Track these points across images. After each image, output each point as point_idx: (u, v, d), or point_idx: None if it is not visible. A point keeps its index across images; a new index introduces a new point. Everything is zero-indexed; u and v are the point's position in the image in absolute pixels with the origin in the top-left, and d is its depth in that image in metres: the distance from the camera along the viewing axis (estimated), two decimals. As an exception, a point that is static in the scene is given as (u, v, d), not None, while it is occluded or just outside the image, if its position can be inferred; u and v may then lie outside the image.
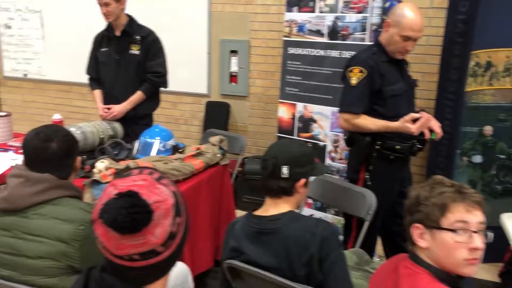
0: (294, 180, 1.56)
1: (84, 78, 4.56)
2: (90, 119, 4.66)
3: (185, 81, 4.09)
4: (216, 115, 4.12)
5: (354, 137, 2.31)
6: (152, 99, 3.08)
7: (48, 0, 4.51)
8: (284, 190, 1.55)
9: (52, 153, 1.52)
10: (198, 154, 2.62)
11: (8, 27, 4.71)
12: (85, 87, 4.60)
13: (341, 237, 2.49)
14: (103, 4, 2.85)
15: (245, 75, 4.02)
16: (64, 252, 1.42)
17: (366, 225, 2.23)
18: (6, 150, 2.93)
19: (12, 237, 1.45)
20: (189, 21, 4.06)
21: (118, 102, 3.00)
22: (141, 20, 3.09)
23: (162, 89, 3.15)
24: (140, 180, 0.94)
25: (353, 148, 2.39)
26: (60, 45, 4.59)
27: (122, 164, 2.35)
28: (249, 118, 4.12)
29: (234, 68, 4.05)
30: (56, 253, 1.42)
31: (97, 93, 3.14)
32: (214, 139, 2.79)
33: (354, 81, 2.21)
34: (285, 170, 1.54)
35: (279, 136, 3.34)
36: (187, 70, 4.06)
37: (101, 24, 4.41)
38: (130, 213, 0.88)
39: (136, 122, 3.02)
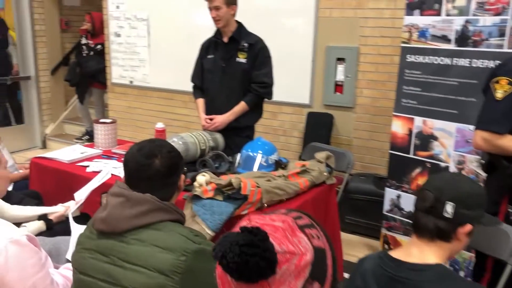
0: (458, 223, 1.26)
1: (187, 86, 4.57)
2: (191, 127, 4.67)
3: (286, 90, 3.88)
4: (318, 127, 3.86)
5: (495, 162, 1.92)
6: (255, 110, 2.91)
7: (156, 9, 4.59)
8: (442, 233, 1.26)
9: (155, 171, 1.37)
10: (303, 171, 2.39)
11: (118, 35, 4.87)
12: (187, 95, 4.61)
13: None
14: (213, 8, 2.74)
15: (352, 85, 3.72)
16: (163, 285, 1.25)
17: (508, 270, 1.84)
18: (110, 157, 2.93)
19: (110, 263, 1.32)
20: (293, 27, 3.86)
21: (221, 111, 2.87)
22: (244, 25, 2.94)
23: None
24: (278, 221, 0.73)
25: (494, 175, 1.99)
26: (165, 53, 4.64)
27: (224, 179, 2.18)
28: (354, 131, 3.80)
29: (340, 76, 3.77)
30: (154, 286, 1.25)
31: (200, 102, 3.04)
32: (320, 155, 2.54)
33: (499, 94, 1.83)
34: (449, 209, 1.24)
35: (392, 153, 3.00)
36: (289, 78, 3.85)
37: (205, 34, 4.39)
38: (244, 252, 0.69)
39: (238, 134, 2.86)
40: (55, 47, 5.90)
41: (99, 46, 5.24)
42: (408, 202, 2.95)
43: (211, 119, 2.86)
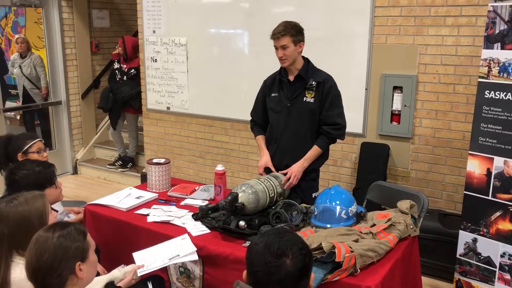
0: None
1: (227, 113, 4.47)
2: (231, 154, 4.51)
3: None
4: (373, 158, 3.67)
5: None
6: (323, 153, 2.73)
7: (194, 35, 4.43)
8: None
9: (286, 273, 1.20)
10: (390, 226, 2.20)
11: (154, 60, 4.72)
12: (227, 122, 4.46)
13: None
14: (279, 47, 2.56)
15: (410, 114, 3.53)
16: None
17: None
18: (167, 202, 2.77)
19: None
20: (346, 53, 3.68)
21: (285, 152, 2.71)
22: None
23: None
24: None
25: None
26: (204, 79, 4.49)
27: (305, 236, 2.01)
28: (412, 163, 3.61)
29: (396, 105, 3.58)
30: None
31: (261, 139, 2.87)
32: (404, 205, 2.35)
33: None
34: None
35: (467, 194, 2.80)
36: (340, 106, 3.66)
37: (245, 60, 4.25)
38: None
39: (303, 177, 2.68)
40: (86, 70, 5.78)
41: (132, 71, 5.11)
42: (486, 246, 2.75)
43: (283, 173, 2.65)
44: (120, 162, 5.47)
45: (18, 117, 6.52)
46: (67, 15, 5.46)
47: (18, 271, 1.71)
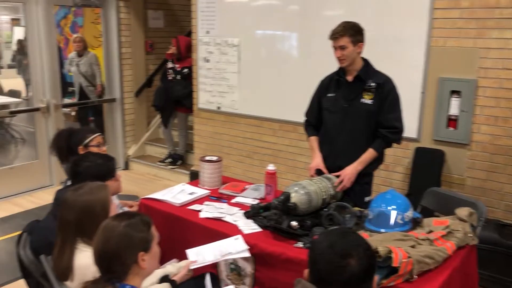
0: None
1: (277, 114, 4.48)
2: (279, 155, 4.51)
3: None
4: (427, 164, 3.57)
5: None
6: (378, 156, 2.68)
7: (246, 36, 4.47)
8: None
9: (351, 274, 1.18)
10: (448, 233, 2.13)
11: (207, 60, 4.80)
12: (277, 123, 4.47)
13: None
14: (338, 48, 2.54)
15: (468, 120, 3.41)
16: None
17: None
18: (219, 199, 2.80)
19: None
20: (402, 56, 3.61)
21: (339, 154, 2.67)
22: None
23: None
24: None
25: None
26: (255, 80, 4.52)
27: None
28: (468, 170, 3.48)
29: (454, 110, 3.47)
30: None
31: (314, 141, 2.85)
32: (463, 212, 2.27)
33: None
34: None
35: (530, 205, 2.68)
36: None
37: (299, 63, 4.24)
38: None
39: (357, 180, 2.64)
40: (140, 69, 5.95)
41: (185, 70, 5.21)
42: (549, 260, 2.61)
43: (336, 176, 2.62)
44: (170, 159, 5.60)
45: (73, 114, 6.78)
46: (124, 15, 5.65)
47: (81, 257, 1.79)
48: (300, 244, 2.20)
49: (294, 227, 2.25)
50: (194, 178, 3.89)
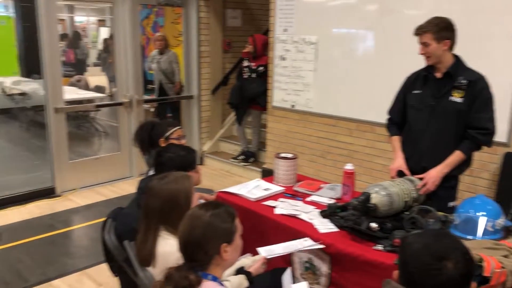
0: None
1: (352, 113, 4.38)
2: (354, 156, 4.40)
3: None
4: (518, 171, 3.31)
5: None
6: (466, 159, 2.52)
7: (326, 33, 4.41)
8: None
9: (447, 278, 1.11)
10: (546, 245, 1.95)
11: (283, 58, 4.79)
12: (353, 123, 4.36)
13: None
14: (421, 44, 2.43)
15: None
16: None
17: None
18: (293, 196, 2.78)
19: None
20: (491, 54, 3.37)
21: (423, 154, 2.55)
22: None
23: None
24: None
25: None
26: (331, 78, 4.44)
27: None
28: None
29: (551, 114, 3.19)
30: None
31: (396, 140, 2.73)
32: None
33: None
34: None
35: None
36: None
37: (377, 62, 4.12)
38: None
39: (441, 184, 2.50)
40: (217, 68, 6.08)
41: (261, 68, 5.25)
42: None
43: (420, 178, 2.50)
44: (242, 156, 5.66)
45: (152, 110, 7.07)
46: (204, 14, 5.79)
47: (164, 244, 1.84)
48: (379, 247, 2.11)
49: (374, 229, 2.17)
50: (266, 175, 3.89)
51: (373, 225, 2.18)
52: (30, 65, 4.74)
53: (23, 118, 8.18)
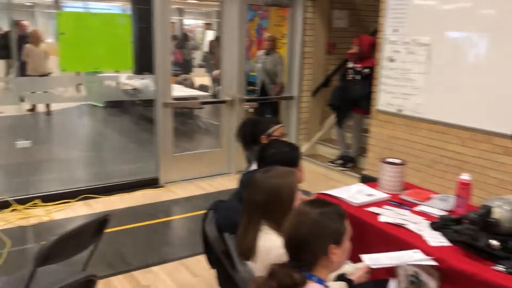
0: None
1: (466, 121, 4.03)
2: (464, 167, 4.03)
3: None
4: None
5: None
6: None
7: (440, 34, 4.11)
8: None
9: None
10: None
11: (392, 60, 4.56)
12: (465, 131, 4.01)
13: None
14: None
15: None
16: None
17: None
18: (400, 205, 2.60)
19: None
20: None
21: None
22: None
23: None
24: None
25: None
26: (445, 82, 4.13)
27: None
28: None
29: None
30: None
31: None
32: None
33: None
34: None
35: None
36: None
37: (490, 68, 3.76)
38: None
39: None
40: (319, 69, 5.99)
41: (366, 70, 5.06)
42: None
43: None
44: (340, 160, 5.50)
45: (250, 110, 7.18)
46: (310, 15, 5.74)
47: (265, 239, 1.79)
48: (500, 268, 1.88)
49: (494, 246, 1.94)
50: (365, 181, 3.72)
51: (494, 242, 1.95)
52: (143, 63, 5.03)
53: (133, 112, 8.79)
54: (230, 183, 5.18)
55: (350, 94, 5.14)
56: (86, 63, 4.61)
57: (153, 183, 5.07)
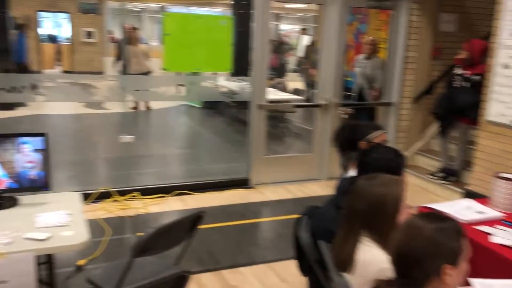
0: None
1: None
2: None
3: None
4: None
5: None
6: None
7: None
8: None
9: None
10: None
11: (507, 66, 4.15)
12: None
13: None
14: None
15: None
16: None
17: None
18: (516, 225, 2.32)
19: None
20: None
21: None
22: None
23: None
24: None
25: None
26: None
27: None
28: None
29: None
30: None
31: None
32: None
33: None
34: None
35: None
36: None
37: None
38: None
39: None
40: (422, 75, 5.65)
41: (476, 77, 4.66)
42: None
43: None
44: (442, 174, 5.13)
45: (344, 116, 6.97)
46: (415, 18, 5.43)
47: (365, 251, 1.67)
48: None
49: None
50: (470, 198, 3.40)
51: None
52: (241, 65, 5.10)
53: (227, 114, 9.00)
54: (321, 189, 5.06)
55: (457, 103, 4.77)
56: (188, 64, 4.77)
57: (244, 183, 5.11)
